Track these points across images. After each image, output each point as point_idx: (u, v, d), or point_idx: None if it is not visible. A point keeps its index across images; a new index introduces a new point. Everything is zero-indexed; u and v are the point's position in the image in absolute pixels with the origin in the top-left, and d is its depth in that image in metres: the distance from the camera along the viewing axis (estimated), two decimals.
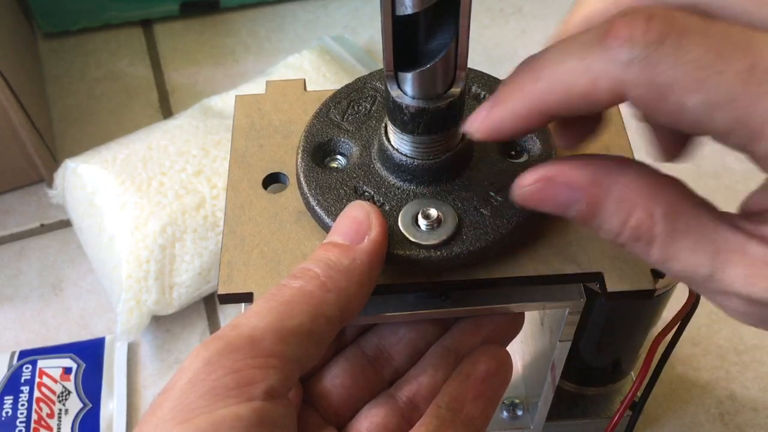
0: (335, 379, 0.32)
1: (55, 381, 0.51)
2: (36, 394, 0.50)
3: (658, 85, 0.21)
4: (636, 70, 0.21)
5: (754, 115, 0.20)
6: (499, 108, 0.25)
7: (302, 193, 0.32)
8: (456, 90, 0.29)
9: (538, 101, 0.24)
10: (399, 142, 0.31)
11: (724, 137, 0.22)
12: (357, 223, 0.29)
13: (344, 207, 0.30)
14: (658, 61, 0.21)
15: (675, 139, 0.27)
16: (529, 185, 0.26)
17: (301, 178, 0.32)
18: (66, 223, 0.61)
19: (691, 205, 0.23)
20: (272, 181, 0.34)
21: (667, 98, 0.21)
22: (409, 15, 0.26)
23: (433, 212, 0.30)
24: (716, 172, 0.62)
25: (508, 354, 0.33)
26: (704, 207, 0.24)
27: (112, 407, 0.51)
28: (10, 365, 0.52)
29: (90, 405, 0.51)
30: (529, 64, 0.25)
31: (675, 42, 0.21)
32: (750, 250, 0.22)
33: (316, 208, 0.31)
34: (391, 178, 0.32)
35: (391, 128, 0.31)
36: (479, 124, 0.26)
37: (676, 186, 0.24)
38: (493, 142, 0.28)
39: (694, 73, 0.20)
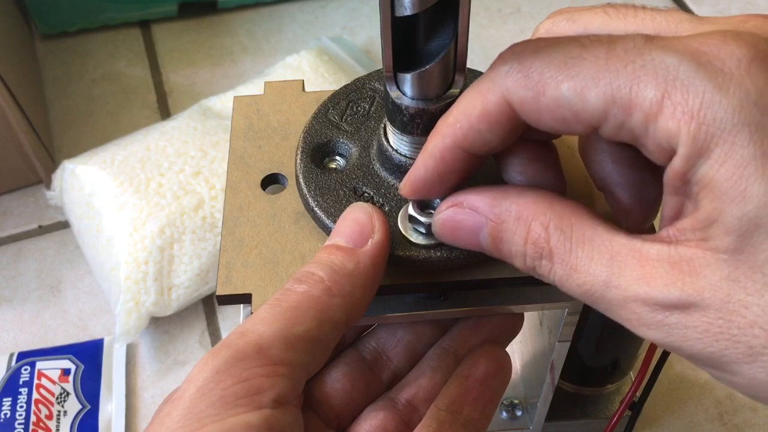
0: (335, 384, 0.32)
1: (54, 382, 0.51)
2: (35, 395, 0.50)
3: (535, 83, 0.23)
4: (514, 74, 0.23)
5: (621, 87, 0.21)
6: (420, 156, 0.27)
7: (301, 195, 0.32)
8: (455, 91, 0.29)
9: (448, 136, 0.26)
10: (398, 143, 0.31)
11: (605, 122, 0.22)
12: (360, 225, 0.29)
13: (344, 208, 0.30)
14: (531, 63, 0.23)
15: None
16: (443, 210, 0.27)
17: (300, 180, 0.32)
18: (64, 225, 0.61)
19: (587, 218, 0.24)
20: (271, 182, 0.34)
21: (544, 92, 0.23)
22: (408, 16, 0.25)
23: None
24: None
25: (507, 355, 0.33)
26: (601, 220, 0.24)
27: (111, 408, 0.51)
28: (9, 367, 0.52)
29: (88, 406, 0.51)
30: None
31: (545, 44, 0.23)
32: (644, 250, 0.22)
33: (316, 209, 0.31)
34: (390, 179, 0.32)
35: (390, 129, 0.31)
36: (405, 181, 0.28)
37: (574, 204, 0.25)
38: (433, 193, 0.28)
39: (561, 66, 0.22)
